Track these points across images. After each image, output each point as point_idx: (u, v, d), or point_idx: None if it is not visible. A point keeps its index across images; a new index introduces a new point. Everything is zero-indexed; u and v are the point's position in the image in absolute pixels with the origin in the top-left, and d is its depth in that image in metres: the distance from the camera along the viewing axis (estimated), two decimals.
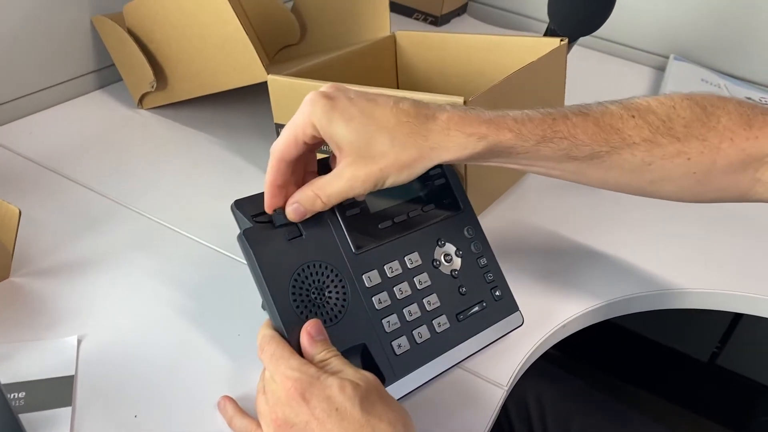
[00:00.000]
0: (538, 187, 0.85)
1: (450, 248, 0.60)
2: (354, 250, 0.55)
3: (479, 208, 0.75)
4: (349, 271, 0.54)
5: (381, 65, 0.88)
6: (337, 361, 0.47)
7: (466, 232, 0.61)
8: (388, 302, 0.55)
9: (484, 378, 0.60)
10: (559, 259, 0.74)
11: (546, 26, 0.83)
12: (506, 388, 0.59)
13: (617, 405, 0.80)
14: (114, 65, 0.95)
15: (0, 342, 0.58)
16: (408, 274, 0.57)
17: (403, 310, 0.55)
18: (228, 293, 0.65)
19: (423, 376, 0.55)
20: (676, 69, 1.18)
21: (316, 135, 0.49)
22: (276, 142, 0.51)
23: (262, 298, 0.51)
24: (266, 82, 0.73)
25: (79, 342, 0.59)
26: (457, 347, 0.57)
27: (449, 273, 0.59)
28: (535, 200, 0.83)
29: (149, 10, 0.84)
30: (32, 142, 0.85)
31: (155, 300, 0.64)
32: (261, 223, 0.53)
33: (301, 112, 0.49)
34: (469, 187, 0.67)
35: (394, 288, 0.56)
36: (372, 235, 0.56)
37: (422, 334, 0.56)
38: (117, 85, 0.99)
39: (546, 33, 0.83)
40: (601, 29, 0.80)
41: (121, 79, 0.95)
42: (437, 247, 0.59)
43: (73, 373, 0.56)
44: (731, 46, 1.19)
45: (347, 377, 0.45)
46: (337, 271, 0.53)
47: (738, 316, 1.19)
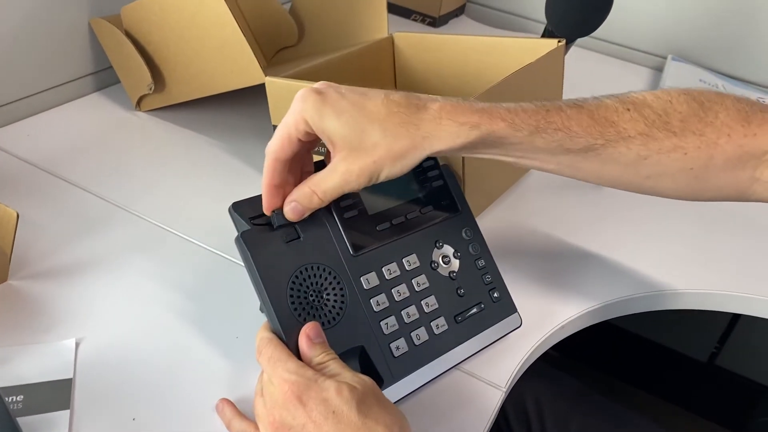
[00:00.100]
0: (536, 189, 0.85)
1: (448, 250, 0.60)
2: (352, 252, 0.55)
3: (477, 209, 0.75)
4: (347, 273, 0.54)
5: (379, 67, 0.88)
6: (335, 364, 0.47)
7: (464, 234, 0.61)
8: (386, 304, 0.55)
9: (483, 380, 0.60)
10: (557, 260, 0.74)
11: (544, 27, 0.83)
12: (504, 390, 0.59)
13: (616, 406, 0.80)
14: (112, 67, 0.95)
15: None
16: (406, 276, 0.57)
17: (401, 312, 0.55)
18: (226, 295, 0.65)
19: (421, 378, 0.55)
20: (674, 69, 1.18)
21: (308, 131, 0.49)
22: (270, 142, 0.51)
23: (260, 300, 0.51)
24: (264, 84, 0.73)
25: (78, 345, 0.59)
26: (455, 349, 0.57)
27: (447, 275, 0.59)
28: (533, 201, 0.83)
29: (147, 13, 0.84)
30: (30, 144, 0.85)
31: (153, 302, 0.64)
32: (259, 225, 0.53)
33: (293, 109, 0.49)
34: (466, 189, 0.67)
35: (392, 290, 0.56)
36: (370, 236, 0.56)
37: (420, 336, 0.56)
38: (115, 87, 0.99)
39: (544, 34, 0.83)
40: (599, 30, 0.80)
41: (119, 82, 0.95)
42: (435, 249, 0.59)
43: (71, 376, 0.56)
44: (729, 46, 1.19)
45: (344, 380, 0.45)
46: (335, 274, 0.53)
47: (737, 316, 1.19)
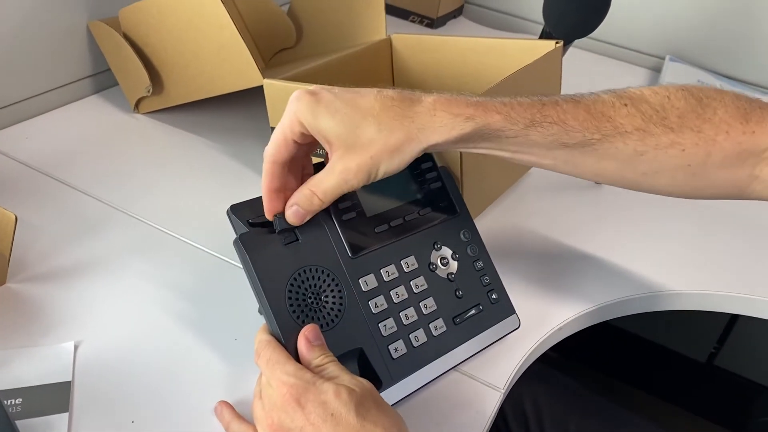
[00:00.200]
0: (534, 190, 0.85)
1: (446, 251, 0.60)
2: (350, 254, 0.55)
3: (475, 211, 0.75)
4: (345, 276, 0.54)
5: (377, 68, 0.88)
6: (333, 366, 0.47)
7: (462, 236, 0.61)
8: (385, 306, 0.55)
9: (481, 381, 0.60)
10: (555, 261, 0.74)
11: (542, 28, 0.83)
12: (503, 391, 0.59)
13: (615, 406, 0.80)
14: (110, 70, 0.95)
15: None
16: (404, 278, 0.57)
17: (400, 314, 0.55)
18: (225, 298, 0.65)
19: (420, 380, 0.55)
20: (672, 70, 1.18)
21: (303, 132, 0.49)
22: (267, 145, 0.51)
23: (259, 303, 0.51)
24: (262, 86, 0.73)
25: (76, 348, 0.59)
26: (453, 350, 0.57)
27: (446, 276, 0.59)
28: (532, 203, 0.83)
29: (145, 15, 0.84)
30: (28, 146, 0.85)
31: (152, 305, 0.64)
32: (257, 227, 0.53)
33: (287, 111, 0.49)
34: (465, 190, 0.67)
35: (391, 292, 0.56)
36: (368, 238, 0.56)
37: (419, 337, 0.56)
38: (113, 89, 0.99)
39: (542, 35, 0.83)
40: (597, 31, 0.80)
41: (118, 84, 0.95)
42: (433, 251, 0.59)
43: (70, 379, 0.56)
44: (727, 46, 1.19)
45: (343, 383, 0.45)
46: (333, 276, 0.53)
47: (735, 316, 1.19)
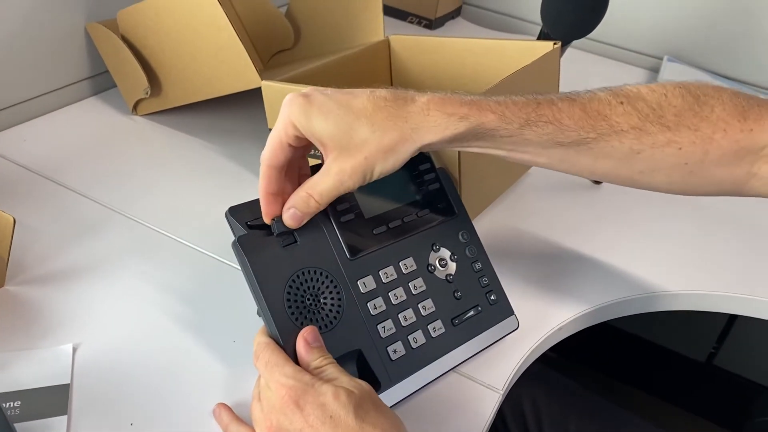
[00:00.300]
0: (533, 191, 0.85)
1: (445, 253, 0.60)
2: (349, 255, 0.55)
3: (473, 212, 0.75)
4: (344, 277, 0.54)
5: (375, 69, 0.88)
6: (332, 368, 0.47)
7: (460, 237, 0.61)
8: (383, 308, 0.55)
9: (480, 382, 0.60)
10: (554, 262, 0.74)
11: (539, 29, 0.83)
12: (502, 392, 0.59)
13: (614, 406, 0.80)
14: (108, 72, 0.95)
15: None
16: (403, 280, 0.57)
17: (399, 316, 0.55)
18: (223, 300, 0.65)
19: (419, 381, 0.55)
20: (670, 70, 1.18)
21: (298, 135, 0.49)
22: (263, 150, 0.51)
23: (257, 305, 0.51)
24: (260, 87, 0.73)
25: (75, 350, 0.59)
26: (452, 352, 0.57)
27: (444, 278, 0.59)
28: (530, 203, 0.83)
29: (143, 17, 0.84)
30: (26, 149, 0.85)
31: (151, 307, 0.64)
32: (255, 229, 0.53)
33: (281, 115, 0.49)
34: (463, 192, 0.67)
35: (389, 293, 0.56)
36: (367, 240, 0.56)
37: (417, 339, 0.56)
38: (111, 91, 0.99)
39: (539, 36, 0.83)
40: (595, 31, 0.80)
41: (116, 86, 0.95)
42: (432, 252, 0.59)
43: (68, 381, 0.56)
44: (725, 47, 1.19)
45: (342, 385, 0.45)
46: (332, 277, 0.53)
47: (734, 316, 1.19)
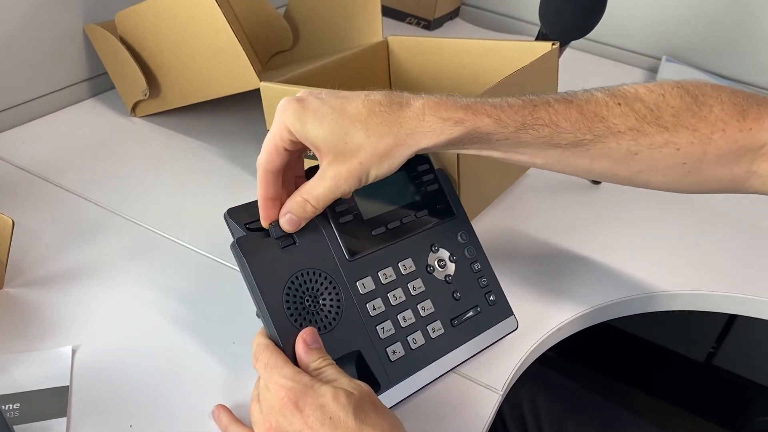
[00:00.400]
0: (532, 191, 0.85)
1: (444, 254, 0.60)
2: (347, 256, 0.55)
3: (472, 213, 0.75)
4: (342, 278, 0.54)
5: (374, 70, 0.88)
6: (331, 369, 0.47)
7: (459, 238, 0.61)
8: (383, 309, 0.55)
9: (479, 383, 0.60)
10: (553, 262, 0.74)
11: (538, 30, 0.83)
12: (501, 393, 0.59)
13: (613, 406, 0.80)
14: (107, 73, 0.95)
15: None
16: (402, 280, 0.57)
17: (398, 317, 0.55)
18: (223, 301, 0.65)
19: (418, 382, 0.55)
20: (669, 70, 1.18)
21: (293, 139, 0.49)
22: (259, 156, 0.51)
23: (257, 306, 0.51)
24: (259, 89, 0.73)
25: (74, 352, 0.59)
26: (451, 352, 0.57)
27: (443, 278, 0.59)
28: (529, 204, 0.83)
29: (141, 19, 0.84)
30: (25, 151, 0.85)
31: (149, 308, 0.64)
32: (254, 231, 0.53)
33: (275, 119, 0.49)
34: (462, 192, 0.67)
35: (388, 294, 0.56)
36: (365, 241, 0.56)
37: (417, 340, 0.56)
38: (110, 93, 0.98)
39: (538, 37, 0.83)
40: (593, 32, 0.80)
41: (114, 87, 0.95)
42: (431, 253, 0.59)
43: (67, 383, 0.56)
44: (723, 47, 1.19)
45: (341, 386, 0.45)
46: (330, 279, 0.53)
47: (733, 316, 1.19)
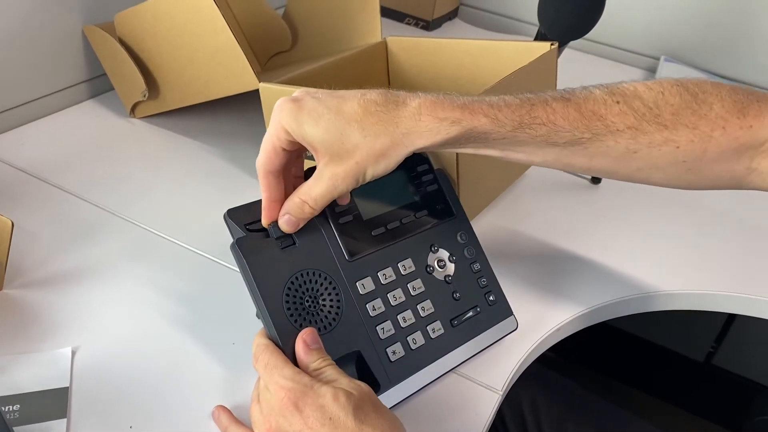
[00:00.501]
0: (531, 191, 0.86)
1: (443, 254, 0.60)
2: (347, 257, 0.55)
3: (472, 213, 0.75)
4: (342, 279, 0.54)
5: (372, 71, 0.88)
6: (331, 370, 0.47)
7: (459, 238, 0.61)
8: (382, 309, 0.55)
9: (479, 383, 0.60)
10: (552, 262, 0.74)
11: (537, 30, 0.83)
12: (501, 393, 0.59)
13: (613, 406, 0.80)
14: (106, 75, 0.94)
15: None
16: (402, 281, 0.57)
17: (398, 317, 0.56)
18: (222, 302, 0.65)
19: (418, 383, 0.55)
20: (667, 70, 1.18)
21: (290, 139, 0.49)
22: (258, 157, 0.51)
23: (256, 307, 0.51)
24: (258, 89, 0.73)
25: (74, 353, 0.59)
26: (451, 353, 0.57)
27: (443, 279, 0.59)
28: (528, 204, 0.83)
29: (140, 20, 0.84)
30: (24, 152, 0.85)
31: (149, 309, 0.64)
32: (254, 231, 0.53)
33: (272, 120, 0.49)
34: (461, 192, 0.67)
35: (388, 294, 0.56)
36: (365, 242, 0.56)
37: (417, 340, 0.56)
38: (109, 94, 0.98)
39: (537, 37, 0.83)
40: (592, 32, 0.80)
41: (113, 89, 0.95)
42: (430, 253, 0.59)
43: (67, 384, 0.56)
44: (722, 47, 1.19)
45: (341, 386, 0.45)
46: (330, 279, 0.53)
47: (733, 315, 1.19)
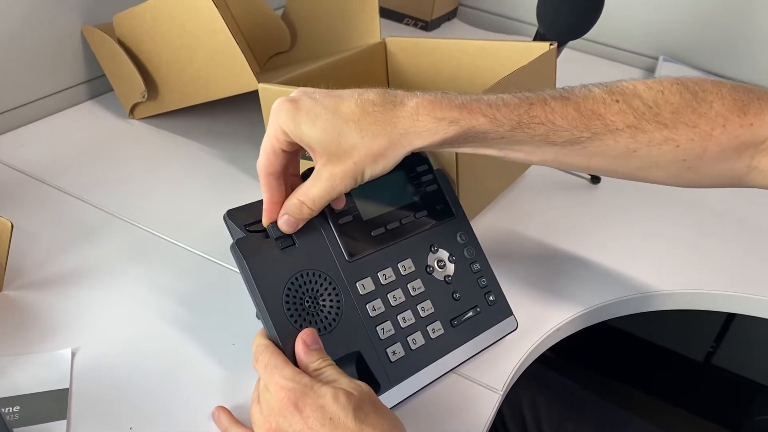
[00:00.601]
0: (531, 191, 0.86)
1: (443, 254, 0.60)
2: (347, 257, 0.55)
3: (472, 213, 0.75)
4: (342, 279, 0.54)
5: (372, 72, 0.88)
6: (331, 370, 0.47)
7: (458, 238, 0.61)
8: (382, 309, 0.55)
9: (479, 383, 0.60)
10: (552, 262, 0.74)
11: (536, 30, 0.83)
12: (501, 393, 0.59)
13: (613, 406, 0.80)
14: (105, 76, 0.94)
15: None
16: (401, 281, 0.57)
17: (398, 317, 0.56)
18: (222, 302, 0.65)
19: (418, 383, 0.55)
20: (666, 70, 1.18)
21: (289, 140, 0.49)
22: (258, 159, 0.51)
23: (256, 307, 0.51)
24: (257, 90, 0.73)
25: (74, 354, 0.59)
26: (451, 353, 0.57)
27: (443, 279, 0.59)
28: (528, 204, 0.83)
29: (139, 21, 0.84)
30: (24, 153, 0.85)
31: (149, 310, 0.64)
32: (254, 232, 0.53)
33: (270, 121, 0.49)
34: (461, 193, 0.67)
35: (388, 295, 0.56)
36: (365, 242, 0.56)
37: (417, 340, 0.56)
38: (108, 95, 0.98)
39: (536, 37, 0.83)
40: (591, 32, 0.80)
41: (113, 90, 0.95)
42: (430, 254, 0.59)
43: (67, 386, 0.56)
44: (720, 47, 1.19)
45: (341, 386, 0.45)
46: (330, 279, 0.54)
47: (732, 315, 1.19)
